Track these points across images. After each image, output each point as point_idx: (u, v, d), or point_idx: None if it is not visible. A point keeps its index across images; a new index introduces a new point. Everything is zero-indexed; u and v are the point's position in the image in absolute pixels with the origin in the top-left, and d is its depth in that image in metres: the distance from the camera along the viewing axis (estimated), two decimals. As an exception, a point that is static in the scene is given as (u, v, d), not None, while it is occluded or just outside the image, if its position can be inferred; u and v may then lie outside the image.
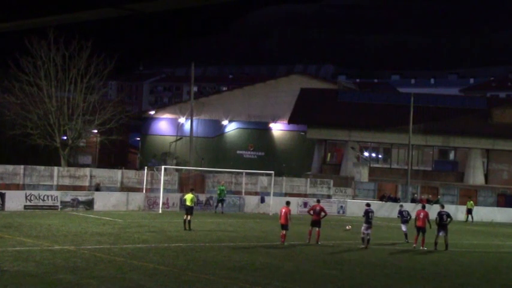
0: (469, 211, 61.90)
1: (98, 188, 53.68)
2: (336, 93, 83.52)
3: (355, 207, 61.58)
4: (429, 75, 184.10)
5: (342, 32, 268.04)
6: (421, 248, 36.30)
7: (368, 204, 37.88)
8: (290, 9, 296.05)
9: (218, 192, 55.48)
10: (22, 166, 52.90)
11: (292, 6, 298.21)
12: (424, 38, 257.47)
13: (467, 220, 61.14)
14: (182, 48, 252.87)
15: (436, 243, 36.12)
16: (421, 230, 36.92)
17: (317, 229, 36.16)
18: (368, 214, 36.44)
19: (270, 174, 59.89)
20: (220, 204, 54.86)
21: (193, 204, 40.60)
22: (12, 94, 59.77)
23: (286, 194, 61.97)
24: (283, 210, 35.50)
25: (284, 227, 34.95)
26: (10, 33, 9.28)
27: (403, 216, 40.16)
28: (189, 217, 39.35)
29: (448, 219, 36.73)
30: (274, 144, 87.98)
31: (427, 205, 62.93)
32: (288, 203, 36.56)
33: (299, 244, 35.30)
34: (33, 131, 59.91)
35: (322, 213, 37.09)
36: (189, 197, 40.61)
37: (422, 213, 37.48)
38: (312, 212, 37.20)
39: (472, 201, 63.28)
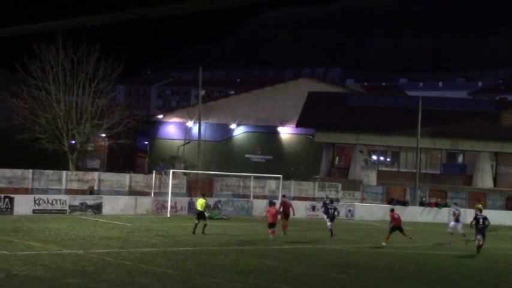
0: None
1: (91, 192, 53.60)
2: (344, 96, 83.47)
3: (364, 210, 61.57)
4: (437, 78, 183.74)
5: (349, 35, 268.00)
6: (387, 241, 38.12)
7: (329, 199, 44.39)
8: (298, 12, 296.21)
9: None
10: (30, 170, 53.00)
11: (299, 10, 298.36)
12: (432, 40, 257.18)
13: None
14: (190, 52, 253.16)
15: (478, 247, 36.59)
16: (397, 229, 38.77)
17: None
18: (327, 208, 42.12)
19: (278, 178, 59.85)
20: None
21: (204, 209, 40.22)
22: (20, 98, 59.92)
23: (294, 198, 61.94)
24: (272, 210, 37.56)
25: (272, 225, 35.96)
26: (19, 37, 9.32)
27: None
28: (200, 222, 39.12)
29: (486, 221, 36.94)
30: (282, 148, 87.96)
31: (434, 208, 63.03)
32: (272, 203, 38.95)
33: (308, 247, 35.29)
34: (42, 135, 60.05)
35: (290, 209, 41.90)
36: (200, 202, 40.38)
37: (396, 215, 39.54)
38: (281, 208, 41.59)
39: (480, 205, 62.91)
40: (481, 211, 38.95)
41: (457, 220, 43.80)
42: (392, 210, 40.72)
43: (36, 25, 7.16)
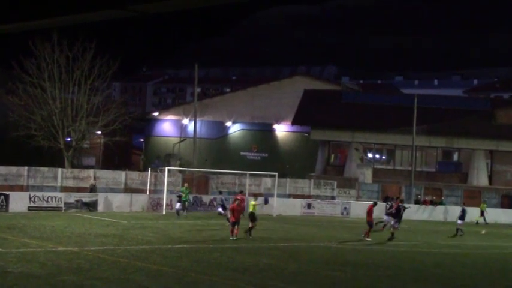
0: (482, 213, 61.53)
1: (93, 189, 53.55)
2: (339, 94, 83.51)
3: (359, 208, 61.56)
4: (433, 77, 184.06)
5: (345, 33, 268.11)
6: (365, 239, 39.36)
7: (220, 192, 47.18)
8: (293, 10, 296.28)
9: (182, 193, 50.00)
10: (26, 167, 52.94)
11: (295, 8, 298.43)
12: (427, 39, 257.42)
13: (477, 222, 60.22)
14: (185, 49, 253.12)
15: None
16: (368, 223, 40.37)
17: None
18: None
19: (273, 176, 59.89)
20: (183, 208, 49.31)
21: (254, 210, 38.72)
22: (16, 95, 59.85)
23: (290, 195, 62.00)
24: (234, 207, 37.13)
25: (236, 223, 36.05)
26: (14, 34, 9.31)
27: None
28: (251, 223, 37.93)
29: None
30: (278, 146, 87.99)
31: (430, 206, 63.14)
32: (235, 201, 38.85)
33: (303, 245, 35.31)
34: (37, 133, 59.99)
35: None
36: (251, 203, 39.36)
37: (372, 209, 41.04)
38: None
39: (485, 204, 62.98)
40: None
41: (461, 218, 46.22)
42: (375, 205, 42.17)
43: (32, 22, 7.15)
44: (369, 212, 40.49)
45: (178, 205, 48.52)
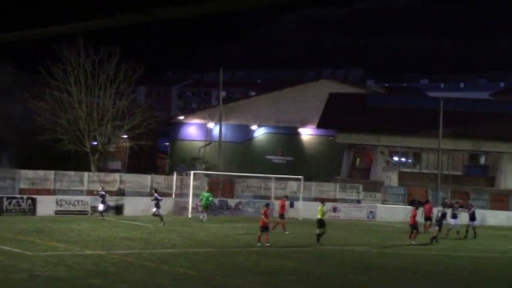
0: None
1: (121, 193, 53.77)
2: (364, 97, 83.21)
3: (385, 212, 61.35)
4: (458, 79, 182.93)
5: (370, 36, 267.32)
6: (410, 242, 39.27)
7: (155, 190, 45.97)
8: (318, 14, 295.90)
9: (200, 198, 50.28)
10: (53, 171, 53.26)
11: (320, 11, 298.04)
12: (453, 41, 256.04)
13: None
14: (210, 53, 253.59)
15: None
16: (411, 227, 40.01)
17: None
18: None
19: (299, 179, 59.79)
20: (202, 212, 49.00)
21: (323, 216, 38.23)
22: (42, 100, 60.21)
23: (315, 199, 61.83)
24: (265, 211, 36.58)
25: (266, 229, 35.30)
26: (41, 40, 9.36)
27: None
28: (320, 230, 37.50)
29: None
30: (303, 149, 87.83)
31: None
32: (267, 205, 38.13)
33: (329, 249, 35.19)
34: (64, 137, 60.31)
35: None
36: (320, 209, 38.84)
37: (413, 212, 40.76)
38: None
39: None
40: None
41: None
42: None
43: (58, 28, 7.18)
44: (413, 216, 40.28)
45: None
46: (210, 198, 50.32)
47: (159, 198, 44.92)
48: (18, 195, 48.26)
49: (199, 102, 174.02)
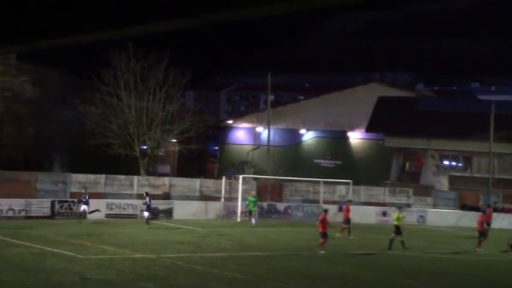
0: None
1: (166, 197, 54.02)
2: (414, 101, 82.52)
3: (436, 216, 60.70)
4: (510, 82, 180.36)
5: (419, 39, 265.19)
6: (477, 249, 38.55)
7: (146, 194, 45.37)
8: (367, 16, 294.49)
9: (247, 203, 50.07)
10: (103, 175, 53.74)
11: (368, 14, 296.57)
12: (504, 43, 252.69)
13: None
14: (258, 57, 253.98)
15: None
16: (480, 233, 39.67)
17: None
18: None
19: (348, 183, 59.50)
20: (250, 217, 48.74)
21: (399, 223, 37.55)
22: (93, 105, 60.84)
23: (364, 203, 61.47)
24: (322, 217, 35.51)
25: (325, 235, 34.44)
26: (91, 45, 9.43)
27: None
28: (396, 237, 36.94)
29: None
30: (352, 153, 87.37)
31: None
32: (325, 211, 36.74)
33: (379, 253, 34.93)
34: (114, 141, 60.83)
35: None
36: (396, 216, 38.24)
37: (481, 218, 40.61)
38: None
39: None
40: None
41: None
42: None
43: (108, 33, 7.24)
44: (481, 222, 39.87)
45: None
46: (258, 203, 50.28)
47: (150, 201, 44.47)
48: (69, 199, 48.83)
49: (247, 106, 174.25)
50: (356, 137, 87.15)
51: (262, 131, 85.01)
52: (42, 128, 67.16)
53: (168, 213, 50.74)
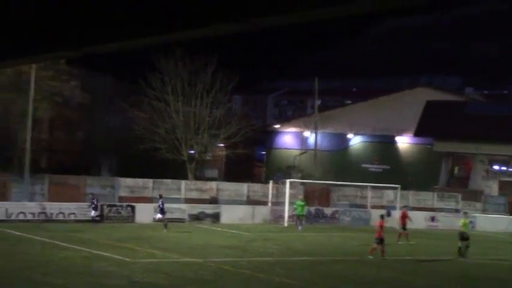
0: None
1: (214, 201, 54.14)
2: (462, 105, 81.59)
3: (486, 221, 59.88)
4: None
5: (468, 41, 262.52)
6: None
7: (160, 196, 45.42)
8: (413, 20, 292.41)
9: (295, 207, 50.03)
10: (151, 179, 54.14)
11: (415, 18, 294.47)
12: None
13: None
14: (306, 61, 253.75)
15: None
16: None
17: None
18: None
19: (395, 188, 59.04)
20: (298, 222, 48.87)
21: (467, 230, 37.06)
22: (141, 109, 61.28)
23: (413, 208, 60.89)
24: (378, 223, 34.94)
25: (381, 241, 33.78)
26: (139, 50, 9.48)
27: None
28: (463, 243, 36.44)
29: None
30: (400, 158, 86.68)
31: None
32: (382, 217, 36.01)
33: (428, 259, 34.55)
34: (161, 145, 61.16)
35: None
36: (463, 221, 37.88)
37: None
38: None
39: None
40: None
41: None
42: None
43: (156, 38, 7.27)
44: None
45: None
46: (305, 208, 50.10)
47: (162, 204, 44.08)
48: (118, 203, 49.27)
49: (294, 111, 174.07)
50: (404, 142, 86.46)
51: (310, 136, 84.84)
52: (91, 133, 67.86)
53: (215, 217, 50.88)
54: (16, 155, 52.20)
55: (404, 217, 43.83)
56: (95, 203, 44.71)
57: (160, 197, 45.48)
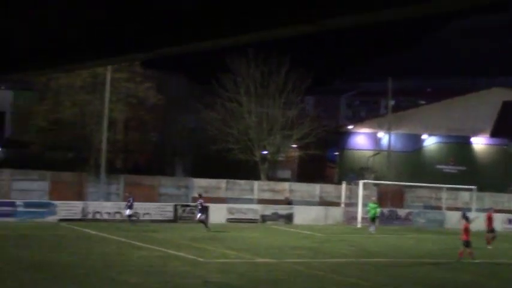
0: None
1: (289, 202, 54.11)
2: (541, 105, 79.74)
3: None
4: None
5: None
6: None
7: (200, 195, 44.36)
8: (487, 19, 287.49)
9: (367, 209, 49.32)
10: (224, 180, 54.46)
11: (488, 17, 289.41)
12: None
13: None
14: (379, 61, 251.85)
15: None
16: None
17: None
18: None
19: (471, 189, 58.03)
20: (371, 223, 47.87)
21: None
22: (214, 110, 61.64)
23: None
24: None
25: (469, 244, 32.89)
26: (212, 52, 9.52)
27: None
28: None
29: None
30: (476, 159, 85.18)
31: None
32: (467, 218, 35.06)
33: (505, 262, 33.85)
34: (234, 146, 61.37)
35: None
36: None
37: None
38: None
39: None
40: None
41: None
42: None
43: (229, 39, 7.28)
44: None
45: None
46: (378, 209, 49.48)
47: (203, 203, 43.60)
48: (192, 203, 49.67)
49: (367, 111, 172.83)
50: (480, 142, 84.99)
51: (383, 136, 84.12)
52: (165, 134, 68.57)
53: (288, 218, 50.86)
54: (92, 156, 53.09)
55: (490, 219, 42.70)
56: (131, 201, 44.62)
57: (200, 196, 44.87)
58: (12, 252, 28.40)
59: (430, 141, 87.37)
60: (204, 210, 43.88)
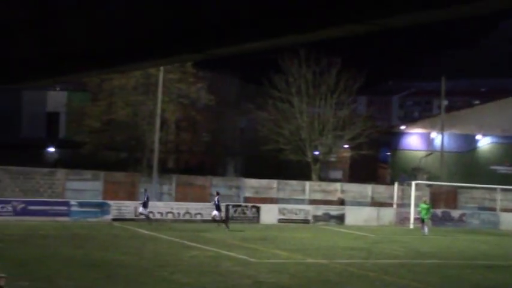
0: None
1: (342, 203, 53.93)
2: None
3: None
4: None
5: None
6: None
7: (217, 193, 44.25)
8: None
9: (419, 210, 48.20)
10: (276, 180, 54.48)
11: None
12: None
13: None
14: (432, 61, 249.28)
15: None
16: None
17: None
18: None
19: (527, 191, 57.18)
20: (423, 224, 46.78)
21: None
22: (265, 111, 61.71)
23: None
24: None
25: None
26: (264, 52, 9.54)
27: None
28: None
29: None
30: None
31: None
32: None
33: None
34: (286, 146, 61.35)
35: None
36: None
37: None
38: None
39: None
40: None
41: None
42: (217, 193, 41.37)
43: (280, 40, 7.29)
44: None
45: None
46: (431, 210, 48.86)
47: (218, 201, 43.04)
48: (243, 204, 49.83)
49: (420, 112, 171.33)
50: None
51: (436, 137, 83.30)
52: (217, 134, 68.86)
53: (340, 219, 50.69)
54: (145, 156, 53.54)
55: None
56: (145, 199, 44.32)
57: (217, 194, 44.50)
58: (67, 251, 28.79)
59: (484, 142, 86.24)
60: (220, 208, 43.29)
